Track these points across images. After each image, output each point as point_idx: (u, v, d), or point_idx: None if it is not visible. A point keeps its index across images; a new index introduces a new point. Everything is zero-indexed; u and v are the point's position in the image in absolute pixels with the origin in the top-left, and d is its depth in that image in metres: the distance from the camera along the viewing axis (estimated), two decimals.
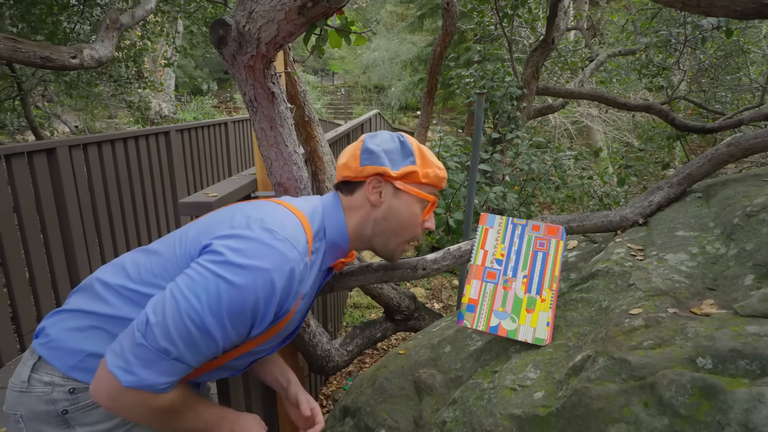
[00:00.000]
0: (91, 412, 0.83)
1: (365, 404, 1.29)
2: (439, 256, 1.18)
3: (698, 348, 0.65)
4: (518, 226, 1.02)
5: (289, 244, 0.76)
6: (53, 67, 2.73)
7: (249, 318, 0.74)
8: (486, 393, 0.96)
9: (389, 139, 0.96)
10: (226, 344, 0.76)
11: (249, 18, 0.94)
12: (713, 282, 0.88)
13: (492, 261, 1.01)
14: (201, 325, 0.72)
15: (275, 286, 0.73)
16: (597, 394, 0.70)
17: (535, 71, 3.66)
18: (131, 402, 0.75)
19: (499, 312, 0.97)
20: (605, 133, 13.89)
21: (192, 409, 0.82)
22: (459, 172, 2.60)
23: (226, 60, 1.02)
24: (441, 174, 0.97)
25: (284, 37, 0.96)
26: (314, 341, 1.77)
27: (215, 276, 0.71)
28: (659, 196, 1.22)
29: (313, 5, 0.89)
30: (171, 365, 0.74)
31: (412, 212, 0.94)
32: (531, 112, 3.88)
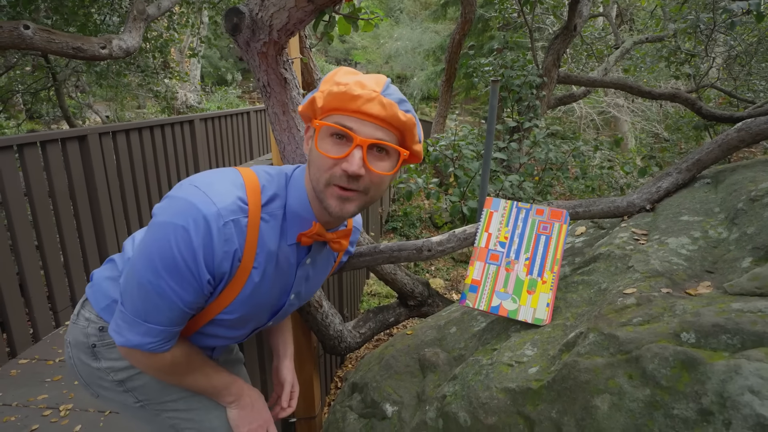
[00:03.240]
0: (113, 350, 0.95)
1: (372, 380, 1.35)
2: (444, 238, 1.21)
3: (683, 323, 0.67)
4: (522, 209, 1.03)
5: (207, 199, 0.73)
6: (84, 57, 2.86)
7: (186, 273, 0.74)
8: (484, 369, 0.99)
9: None
10: (185, 304, 0.78)
11: (261, 6, 0.98)
12: (712, 265, 0.89)
13: (496, 243, 1.03)
14: (147, 284, 0.75)
15: (191, 238, 0.72)
16: (585, 368, 0.73)
17: (556, 59, 3.60)
18: (136, 358, 0.85)
19: (500, 293, 1.00)
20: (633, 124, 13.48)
21: (200, 371, 0.90)
22: (474, 161, 2.61)
23: (241, 47, 1.07)
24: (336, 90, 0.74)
25: (295, 24, 1.00)
26: (326, 321, 1.83)
27: (147, 237, 0.76)
28: (668, 182, 1.22)
29: None
30: (146, 328, 0.79)
31: (321, 149, 0.77)
32: (552, 101, 3.83)
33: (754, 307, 0.63)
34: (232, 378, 0.95)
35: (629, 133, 13.93)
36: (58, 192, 2.90)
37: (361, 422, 1.30)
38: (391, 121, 0.76)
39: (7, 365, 2.55)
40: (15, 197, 2.60)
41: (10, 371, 2.49)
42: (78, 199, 3.06)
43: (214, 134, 5.14)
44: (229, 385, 0.93)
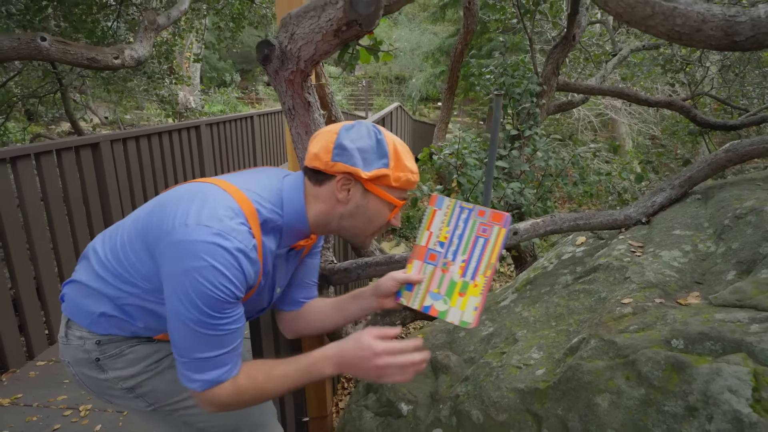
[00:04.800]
0: (117, 360, 0.98)
1: None
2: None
3: (673, 331, 0.76)
4: (465, 210, 1.00)
5: (228, 237, 0.80)
6: (98, 68, 2.94)
7: (232, 303, 0.82)
8: (495, 370, 1.09)
9: (366, 135, 0.91)
10: (233, 323, 0.84)
11: (291, 39, 1.08)
12: (701, 276, 0.99)
13: (435, 243, 1.01)
14: (204, 327, 0.81)
15: (228, 270, 0.79)
16: (587, 370, 0.83)
17: (556, 68, 3.70)
18: (223, 396, 0.86)
19: (434, 293, 0.99)
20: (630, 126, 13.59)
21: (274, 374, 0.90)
22: (477, 169, 2.70)
23: (270, 74, 1.16)
24: (412, 179, 0.93)
25: (321, 54, 1.09)
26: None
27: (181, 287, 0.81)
28: (662, 197, 1.32)
29: (347, 29, 1.02)
30: (210, 363, 0.84)
31: (378, 212, 0.93)
32: (551, 108, 3.93)
33: (734, 317, 0.72)
34: (304, 360, 0.91)
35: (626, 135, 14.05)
36: (72, 197, 2.99)
37: (377, 420, 1.39)
38: None
39: (26, 367, 2.63)
40: (32, 203, 2.68)
41: (28, 373, 2.58)
42: (91, 204, 3.15)
43: (219, 139, 5.23)
44: (310, 367, 0.90)
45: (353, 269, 1.41)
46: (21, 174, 2.61)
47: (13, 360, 2.59)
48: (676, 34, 0.77)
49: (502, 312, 1.46)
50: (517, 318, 1.28)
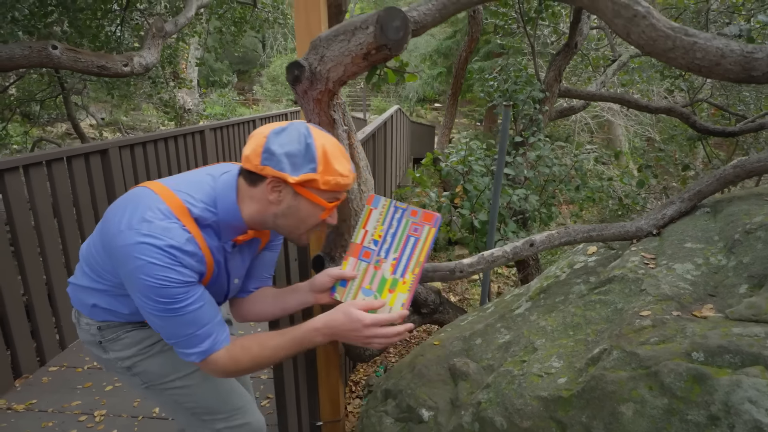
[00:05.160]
0: (115, 343, 1.12)
1: (406, 387, 1.49)
2: (474, 260, 1.36)
3: (694, 344, 0.81)
4: (399, 209, 1.05)
5: (159, 236, 0.90)
6: (108, 75, 2.97)
7: (176, 286, 0.92)
8: (516, 379, 1.14)
9: (295, 140, 0.94)
10: (204, 300, 0.96)
11: (320, 61, 1.12)
12: (714, 289, 1.04)
13: (370, 241, 1.05)
14: (169, 315, 0.93)
15: (165, 263, 0.89)
16: (611, 380, 0.88)
17: (558, 74, 3.76)
18: (221, 364, 0.99)
19: (366, 289, 1.03)
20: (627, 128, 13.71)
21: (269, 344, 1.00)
22: (483, 176, 2.75)
23: (298, 94, 1.20)
24: (342, 181, 0.97)
25: (349, 75, 1.14)
26: None
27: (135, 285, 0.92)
28: (671, 210, 1.37)
29: (376, 52, 1.06)
30: (202, 333, 0.96)
31: (310, 213, 0.98)
32: (553, 114, 3.99)
33: (751, 332, 0.78)
34: (298, 328, 1.01)
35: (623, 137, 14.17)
36: (81, 203, 3.01)
37: (397, 426, 1.43)
38: None
39: (38, 373, 2.66)
40: (44, 210, 2.71)
41: (41, 378, 2.60)
42: (99, 209, 3.17)
43: (222, 143, 5.26)
44: (301, 338, 0.99)
45: None
46: (33, 181, 2.64)
47: (26, 366, 2.62)
48: (696, 66, 0.83)
49: (517, 320, 1.51)
50: (534, 327, 1.33)
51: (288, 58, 17.27)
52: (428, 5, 1.08)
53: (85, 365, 2.72)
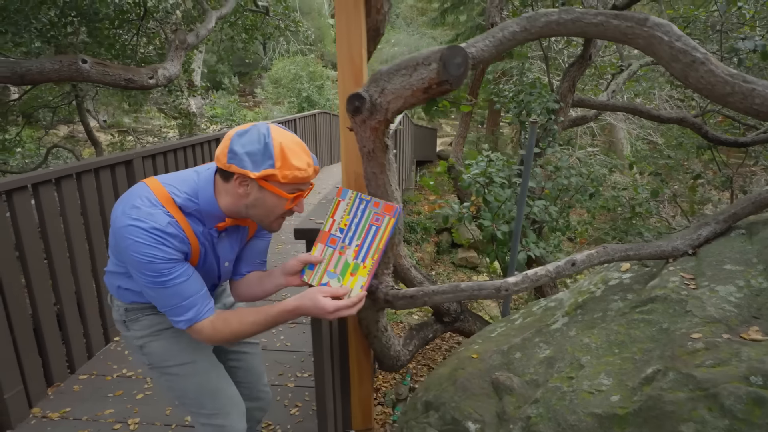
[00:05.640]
0: (135, 323, 1.29)
1: (449, 400, 1.54)
2: (519, 279, 1.41)
3: (751, 368, 0.87)
4: (363, 201, 1.17)
5: (143, 220, 1.05)
6: (134, 87, 3.03)
7: (169, 263, 1.08)
8: (567, 395, 1.20)
9: (255, 140, 1.07)
10: (186, 275, 1.12)
11: (381, 93, 1.18)
12: (757, 311, 1.10)
13: (336, 229, 1.17)
14: (158, 287, 1.09)
15: (150, 244, 1.06)
16: (669, 400, 0.93)
17: (572, 85, 3.83)
18: (205, 332, 1.15)
19: (330, 272, 1.16)
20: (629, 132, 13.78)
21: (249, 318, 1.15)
22: (505, 188, 2.81)
23: (356, 122, 1.26)
24: (300, 175, 1.09)
25: (407, 107, 1.20)
26: (389, 344, 2.03)
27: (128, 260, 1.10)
28: (707, 231, 1.44)
29: (437, 87, 1.12)
30: (187, 303, 1.12)
31: (275, 203, 1.12)
32: (566, 123, 4.06)
33: None
34: (273, 307, 1.16)
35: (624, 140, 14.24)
36: (107, 213, 3.06)
37: None
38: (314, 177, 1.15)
39: (69, 380, 2.70)
40: (74, 220, 2.76)
41: (72, 387, 2.65)
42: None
43: None
44: (275, 318, 1.16)
45: (419, 296, 1.51)
46: (64, 192, 2.69)
47: (58, 374, 2.66)
48: (754, 111, 0.89)
49: (556, 335, 1.56)
50: (577, 344, 1.39)
51: (290, 61, 17.30)
52: (485, 42, 1.13)
53: (114, 373, 2.77)
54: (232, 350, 1.47)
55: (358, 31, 1.69)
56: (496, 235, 2.78)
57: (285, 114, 15.43)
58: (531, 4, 3.64)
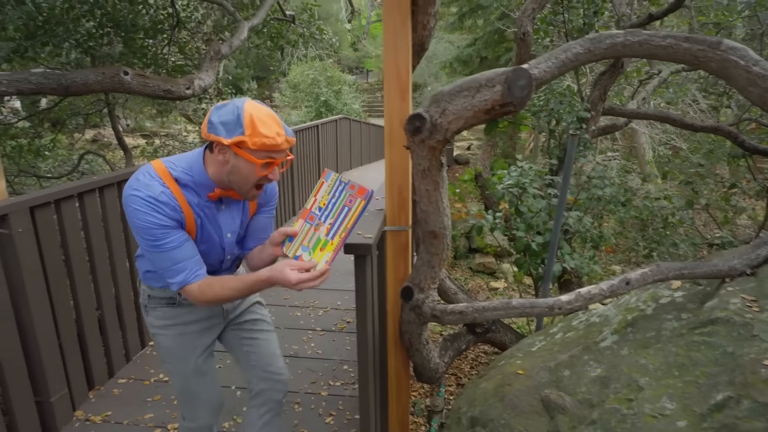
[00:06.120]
0: (153, 311, 1.46)
1: (498, 417, 1.54)
2: (573, 298, 1.41)
3: None
4: (342, 183, 1.24)
5: (139, 190, 1.20)
6: (172, 98, 3.10)
7: (163, 228, 1.22)
8: (628, 418, 1.19)
9: (229, 112, 1.20)
10: (180, 241, 1.25)
11: (442, 114, 1.19)
12: None
13: (316, 207, 1.27)
14: (154, 249, 1.24)
15: (144, 210, 1.20)
16: (746, 429, 0.92)
17: (603, 93, 3.79)
18: (193, 293, 1.28)
19: (304, 246, 1.27)
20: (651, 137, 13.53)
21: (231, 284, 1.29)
22: (540, 199, 2.79)
23: (414, 142, 1.28)
24: (268, 142, 1.20)
25: (467, 127, 1.21)
26: (429, 356, 2.03)
27: (132, 227, 1.25)
28: (766, 251, 1.41)
29: (500, 108, 1.13)
30: (178, 268, 1.26)
31: (250, 168, 1.22)
32: (596, 132, 4.02)
33: None
34: (250, 276, 1.30)
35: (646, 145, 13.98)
36: None
37: None
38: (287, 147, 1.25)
39: (109, 384, 2.77)
40: (114, 227, 2.84)
41: (112, 390, 2.71)
42: None
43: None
44: (252, 285, 1.28)
45: (469, 312, 1.51)
46: (106, 200, 2.77)
47: (98, 377, 2.73)
48: None
49: (606, 354, 1.55)
50: (633, 364, 1.37)
51: (308, 66, 17.46)
52: (548, 63, 1.14)
53: (151, 378, 2.83)
54: (245, 336, 1.60)
55: (405, 47, 1.71)
56: (529, 246, 2.76)
57: (303, 117, 15.55)
58: (563, 12, 3.62)
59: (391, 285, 1.96)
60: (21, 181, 5.89)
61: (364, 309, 1.66)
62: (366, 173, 9.83)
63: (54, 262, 2.37)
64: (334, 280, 4.24)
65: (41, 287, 2.29)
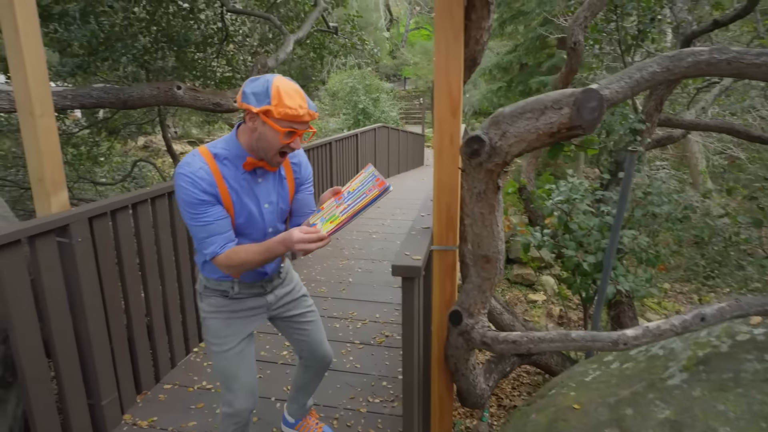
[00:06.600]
0: (205, 299, 1.63)
1: None
2: (639, 333, 1.30)
3: None
4: (372, 175, 1.39)
5: (183, 168, 1.39)
6: (221, 110, 3.19)
7: (200, 201, 1.38)
8: None
9: (260, 84, 1.34)
10: (214, 217, 1.41)
11: (502, 137, 1.13)
12: None
13: (347, 191, 1.42)
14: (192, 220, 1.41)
15: (185, 185, 1.37)
16: None
17: (659, 104, 3.59)
18: (221, 261, 1.45)
19: (323, 218, 1.41)
20: (705, 145, 12.76)
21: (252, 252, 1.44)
22: (592, 216, 2.65)
23: (471, 165, 1.22)
24: (291, 113, 1.32)
25: (529, 150, 1.14)
26: (476, 382, 1.95)
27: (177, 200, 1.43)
28: None
29: (567, 131, 1.06)
30: (209, 241, 1.43)
31: (273, 136, 1.36)
32: (651, 144, 3.80)
33: None
34: (268, 240, 1.45)
35: (699, 154, 13.17)
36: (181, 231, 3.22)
37: None
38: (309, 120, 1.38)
39: (155, 389, 2.85)
40: (164, 237, 2.93)
41: (158, 395, 2.79)
42: None
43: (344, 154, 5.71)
44: (270, 249, 1.43)
45: (523, 343, 1.43)
46: (158, 210, 2.86)
47: (146, 382, 2.81)
48: None
49: (675, 394, 1.42)
50: (709, 409, 1.25)
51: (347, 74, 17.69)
52: (620, 83, 1.06)
53: (195, 385, 2.88)
54: (296, 328, 1.80)
55: (457, 63, 1.67)
56: (580, 266, 2.62)
57: (341, 125, 15.75)
58: (616, 20, 3.46)
59: (437, 306, 1.90)
60: (80, 187, 6.25)
61: (410, 332, 1.61)
62: (403, 182, 9.79)
63: (108, 270, 2.46)
64: (372, 291, 4.21)
65: (97, 294, 2.38)
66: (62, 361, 2.21)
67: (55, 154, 2.38)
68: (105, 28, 3.80)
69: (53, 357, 2.20)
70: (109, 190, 6.57)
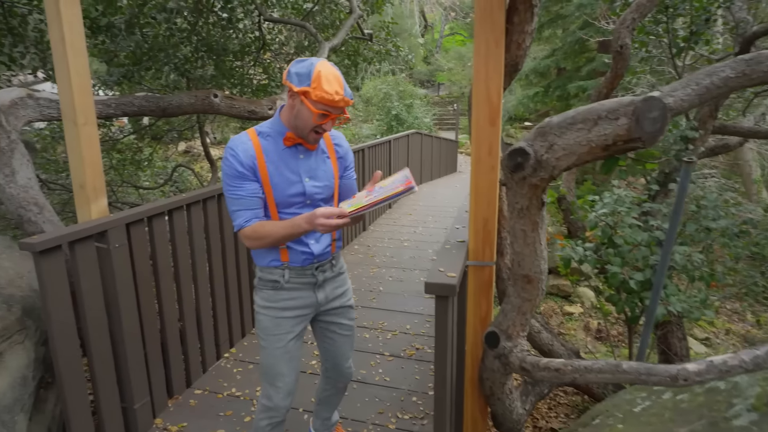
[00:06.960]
0: (259, 292, 1.69)
1: None
2: (703, 368, 1.16)
3: None
4: (404, 177, 1.43)
5: (230, 143, 1.52)
6: (255, 118, 3.22)
7: (239, 175, 1.49)
8: None
9: (305, 66, 1.42)
10: (250, 192, 1.51)
11: (549, 149, 1.04)
12: None
13: (379, 185, 1.48)
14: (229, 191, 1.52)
15: (228, 157, 1.50)
16: None
17: (714, 110, 3.34)
18: (247, 234, 1.52)
19: (352, 202, 1.47)
20: (760, 153, 11.96)
21: (278, 227, 1.50)
22: (639, 230, 2.48)
23: (514, 179, 1.13)
24: (327, 97, 1.39)
25: (579, 164, 1.04)
26: (512, 407, 1.84)
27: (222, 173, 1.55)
28: None
29: (623, 144, 0.95)
30: (240, 214, 1.52)
31: (308, 115, 1.44)
32: (704, 152, 3.55)
33: None
34: (291, 222, 1.50)
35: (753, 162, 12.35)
36: (227, 236, 3.24)
37: None
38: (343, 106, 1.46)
39: (186, 394, 2.87)
40: (198, 243, 2.96)
41: (189, 401, 2.80)
42: (238, 241, 3.39)
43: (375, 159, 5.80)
44: (294, 226, 1.48)
45: (567, 371, 1.32)
46: (193, 217, 2.90)
47: (177, 387, 2.84)
48: None
49: None
50: None
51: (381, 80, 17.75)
52: (686, 90, 0.95)
53: (224, 391, 2.89)
54: (328, 335, 1.82)
55: (497, 69, 1.58)
56: (626, 283, 2.45)
57: (374, 131, 15.79)
58: (666, 21, 3.25)
59: (471, 324, 1.80)
60: (123, 191, 6.51)
61: (443, 352, 1.52)
62: (435, 189, 9.66)
63: (144, 275, 2.50)
64: (403, 301, 4.13)
65: (132, 298, 2.42)
66: (98, 364, 2.25)
67: (96, 162, 2.44)
68: (149, 38, 3.94)
69: (89, 359, 2.25)
70: (150, 193, 6.82)
